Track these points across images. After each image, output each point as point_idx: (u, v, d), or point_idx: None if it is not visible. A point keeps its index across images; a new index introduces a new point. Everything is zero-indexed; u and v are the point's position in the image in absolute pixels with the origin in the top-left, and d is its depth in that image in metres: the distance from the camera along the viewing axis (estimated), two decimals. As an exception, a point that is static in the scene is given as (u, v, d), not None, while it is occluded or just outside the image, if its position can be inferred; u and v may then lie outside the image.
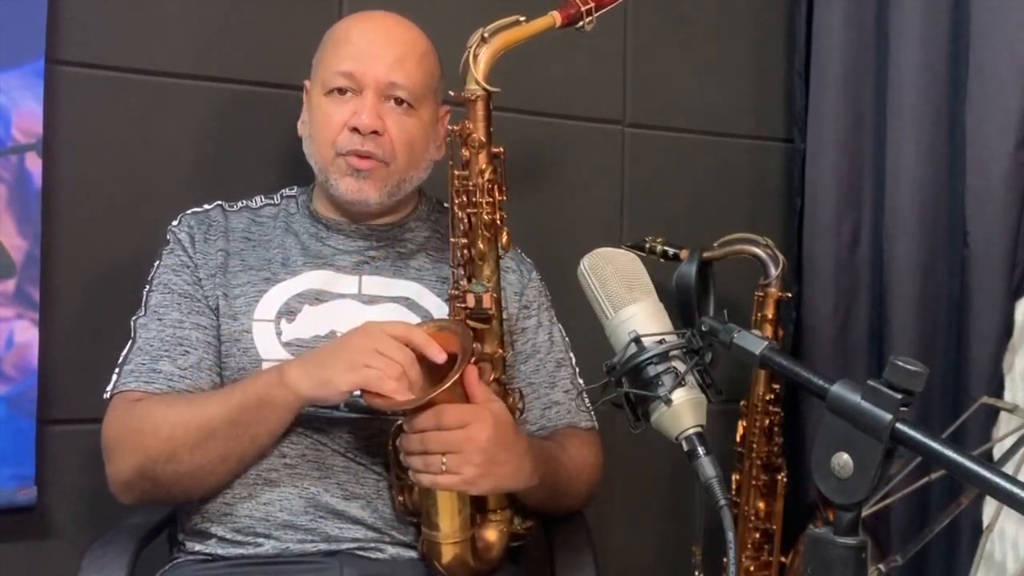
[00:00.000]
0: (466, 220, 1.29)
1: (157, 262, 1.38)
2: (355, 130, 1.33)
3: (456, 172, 1.30)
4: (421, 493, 1.24)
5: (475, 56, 1.28)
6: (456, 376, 1.17)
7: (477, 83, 1.28)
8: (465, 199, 1.29)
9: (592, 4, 1.33)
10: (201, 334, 1.32)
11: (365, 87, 1.34)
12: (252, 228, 1.42)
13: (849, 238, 1.92)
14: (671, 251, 1.75)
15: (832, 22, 1.92)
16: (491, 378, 1.28)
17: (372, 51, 1.35)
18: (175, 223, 1.41)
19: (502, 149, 1.30)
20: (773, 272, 1.70)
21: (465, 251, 1.30)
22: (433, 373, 1.21)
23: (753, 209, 2.04)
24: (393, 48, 1.36)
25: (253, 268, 1.37)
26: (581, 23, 1.33)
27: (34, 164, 1.50)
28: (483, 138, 1.28)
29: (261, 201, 1.47)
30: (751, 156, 2.07)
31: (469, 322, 1.28)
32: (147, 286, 1.36)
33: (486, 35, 1.28)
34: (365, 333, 1.21)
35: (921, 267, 1.79)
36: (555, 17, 1.32)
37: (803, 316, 1.94)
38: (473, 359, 1.23)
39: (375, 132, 1.33)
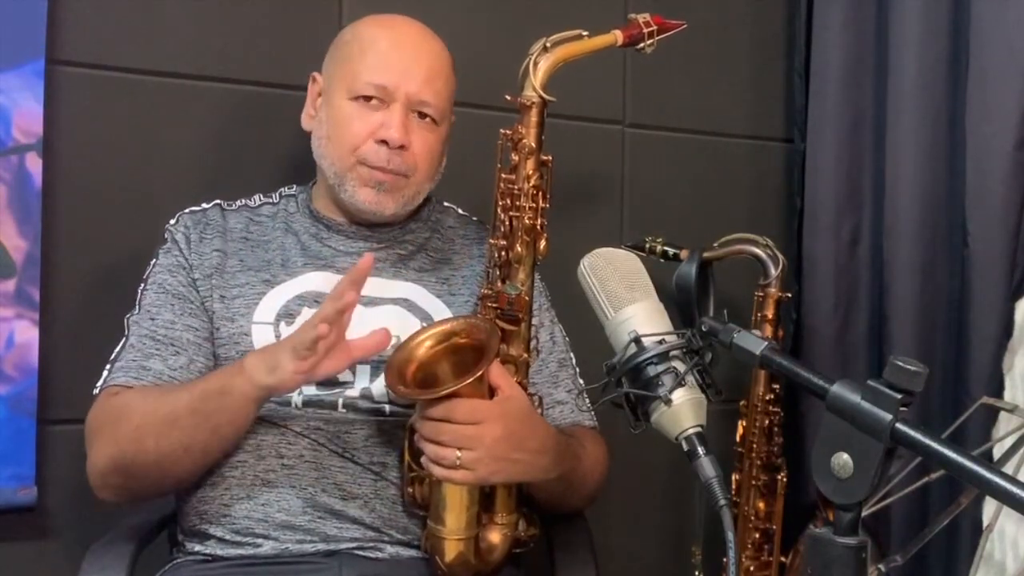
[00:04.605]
0: (507, 223, 1.30)
1: (153, 260, 1.38)
2: (382, 142, 1.33)
3: (503, 175, 1.31)
4: (431, 486, 1.25)
5: (535, 64, 1.29)
6: (480, 372, 1.17)
7: (534, 90, 1.29)
8: (509, 202, 1.29)
9: (655, 27, 1.34)
10: (192, 336, 1.32)
11: (395, 101, 1.34)
12: (250, 227, 1.42)
13: (849, 238, 1.92)
14: (671, 251, 1.74)
15: (832, 22, 1.92)
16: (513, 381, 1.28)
17: (404, 65, 1.35)
18: (172, 222, 1.41)
19: (550, 157, 1.31)
20: (773, 272, 1.70)
21: (502, 253, 1.30)
22: (460, 367, 1.22)
23: (753, 209, 2.04)
24: (424, 64, 1.36)
25: (252, 269, 1.37)
26: (642, 45, 1.35)
27: (34, 164, 1.50)
28: (533, 144, 1.29)
29: (260, 200, 1.47)
30: (751, 156, 2.07)
31: (498, 322, 1.28)
32: (142, 284, 1.37)
33: (548, 44, 1.29)
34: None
35: (921, 267, 1.79)
36: (617, 36, 1.33)
37: (803, 316, 1.94)
38: (498, 359, 1.24)
39: (402, 147, 1.33)
